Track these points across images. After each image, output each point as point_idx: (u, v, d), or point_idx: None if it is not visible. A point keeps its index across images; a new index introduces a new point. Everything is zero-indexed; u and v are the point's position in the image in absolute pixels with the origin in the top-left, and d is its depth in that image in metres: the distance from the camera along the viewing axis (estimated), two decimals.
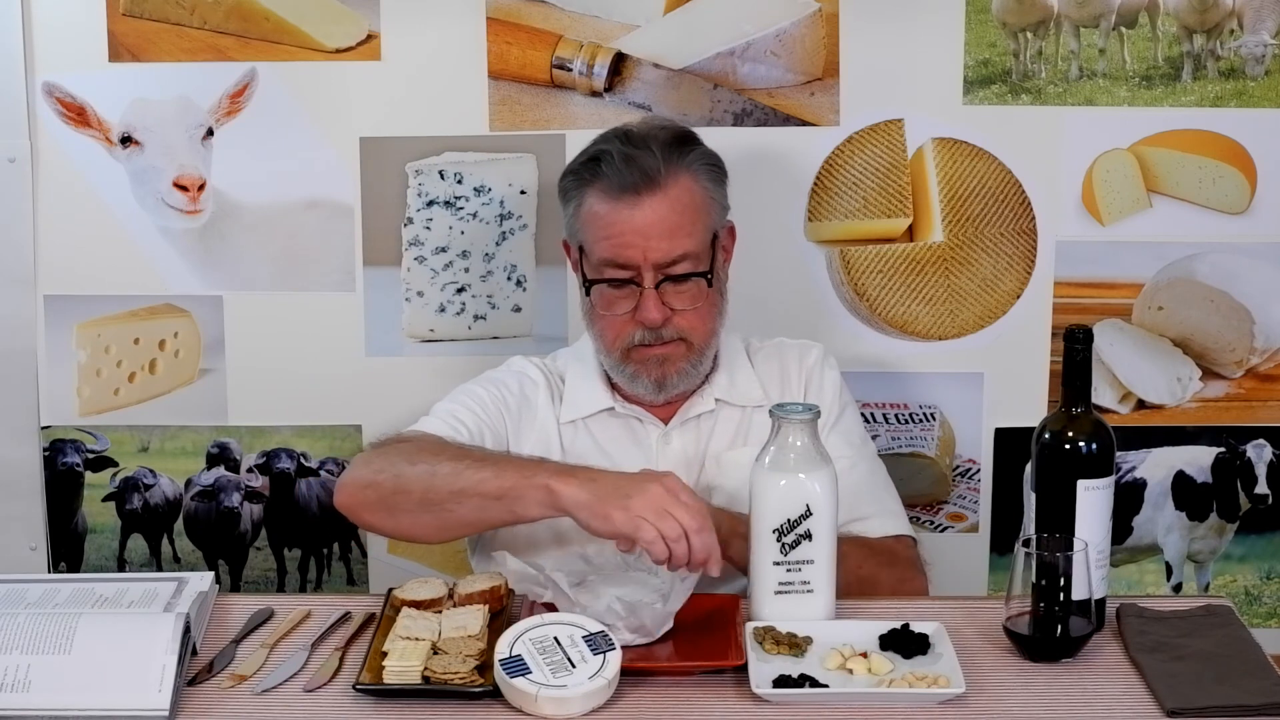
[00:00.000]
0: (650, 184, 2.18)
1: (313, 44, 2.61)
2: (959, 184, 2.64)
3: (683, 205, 2.20)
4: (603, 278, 2.22)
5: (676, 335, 2.22)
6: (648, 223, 2.18)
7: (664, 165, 2.19)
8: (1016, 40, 2.60)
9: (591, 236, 2.22)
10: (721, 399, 2.31)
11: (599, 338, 2.27)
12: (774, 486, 1.96)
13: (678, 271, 2.20)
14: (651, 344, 2.22)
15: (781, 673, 1.85)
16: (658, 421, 2.31)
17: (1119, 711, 1.81)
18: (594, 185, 2.21)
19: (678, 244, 2.19)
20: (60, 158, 2.63)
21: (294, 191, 2.65)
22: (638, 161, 2.19)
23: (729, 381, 2.32)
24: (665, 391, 2.27)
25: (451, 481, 2.02)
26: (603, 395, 2.31)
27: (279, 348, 2.69)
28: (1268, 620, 2.78)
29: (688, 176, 2.22)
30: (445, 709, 1.82)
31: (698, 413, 2.30)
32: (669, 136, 2.24)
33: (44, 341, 2.69)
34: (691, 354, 2.25)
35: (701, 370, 2.28)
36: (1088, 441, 1.95)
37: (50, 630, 1.84)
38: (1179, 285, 2.68)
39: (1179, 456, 2.73)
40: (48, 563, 2.75)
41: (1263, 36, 2.59)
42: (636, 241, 2.18)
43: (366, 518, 2.12)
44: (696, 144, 2.27)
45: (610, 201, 2.20)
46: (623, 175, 2.19)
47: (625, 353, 2.24)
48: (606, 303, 2.23)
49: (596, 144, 2.27)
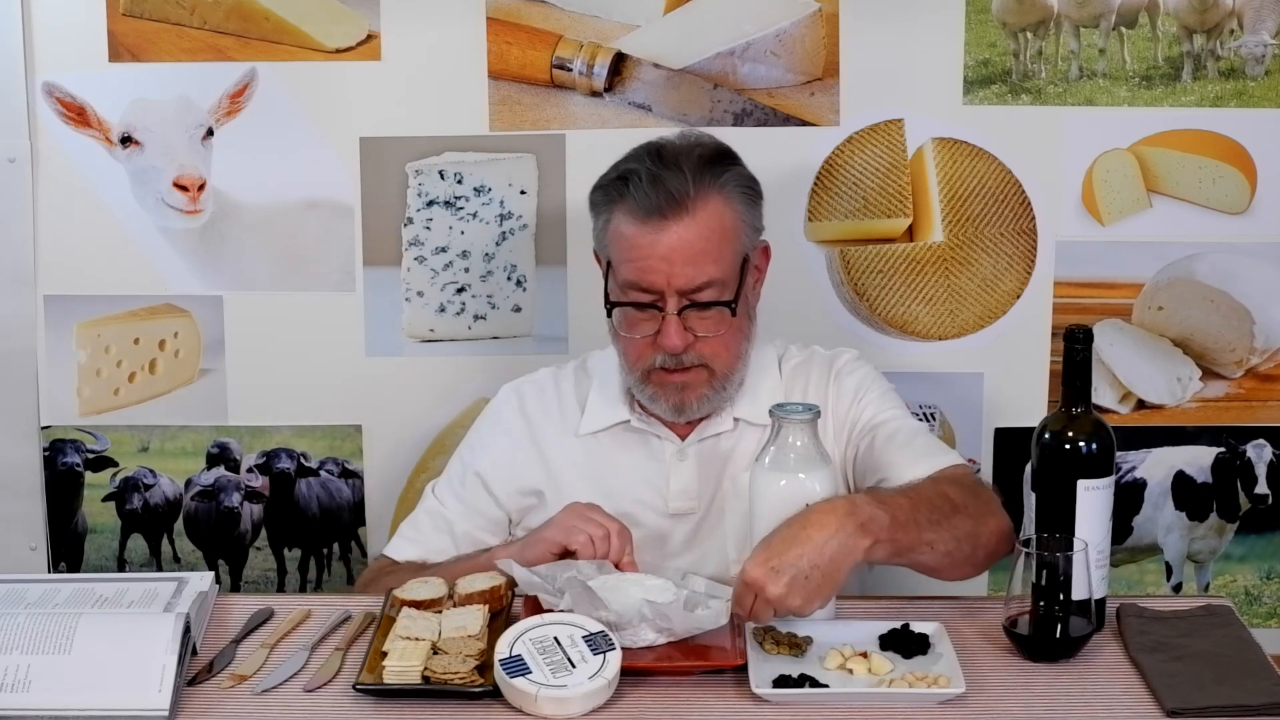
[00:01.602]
0: (677, 208, 2.12)
1: (313, 44, 2.61)
2: (959, 184, 2.64)
3: (710, 230, 2.14)
4: (626, 300, 2.17)
5: (698, 361, 2.17)
6: (672, 248, 2.12)
7: (694, 188, 2.13)
8: (1016, 40, 2.60)
9: (617, 257, 2.18)
10: (742, 418, 2.26)
11: (622, 355, 2.23)
12: (774, 486, 1.97)
13: (702, 299, 2.14)
14: (672, 369, 2.18)
15: (781, 673, 1.85)
16: (674, 438, 2.27)
17: (1119, 711, 1.81)
18: (621, 204, 2.16)
19: (703, 271, 2.14)
20: (60, 158, 2.63)
21: (294, 191, 2.65)
22: (666, 183, 2.12)
23: (752, 401, 2.26)
24: (685, 415, 2.23)
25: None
26: (620, 409, 2.28)
27: (279, 348, 2.69)
28: (1268, 620, 2.78)
29: (719, 199, 2.16)
30: (445, 709, 1.82)
31: (716, 432, 2.26)
32: (704, 154, 2.18)
33: (44, 341, 2.69)
34: (714, 380, 2.20)
35: (725, 396, 2.23)
36: (1088, 441, 1.95)
37: (50, 630, 1.84)
38: (1179, 285, 2.68)
39: (1179, 456, 2.73)
40: (48, 563, 2.75)
41: (1263, 36, 2.59)
42: (660, 267, 2.13)
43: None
44: (732, 164, 2.20)
45: (636, 224, 2.14)
46: (649, 198, 2.13)
47: (646, 374, 2.20)
48: (629, 324, 2.19)
49: (628, 160, 2.20)
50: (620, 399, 2.28)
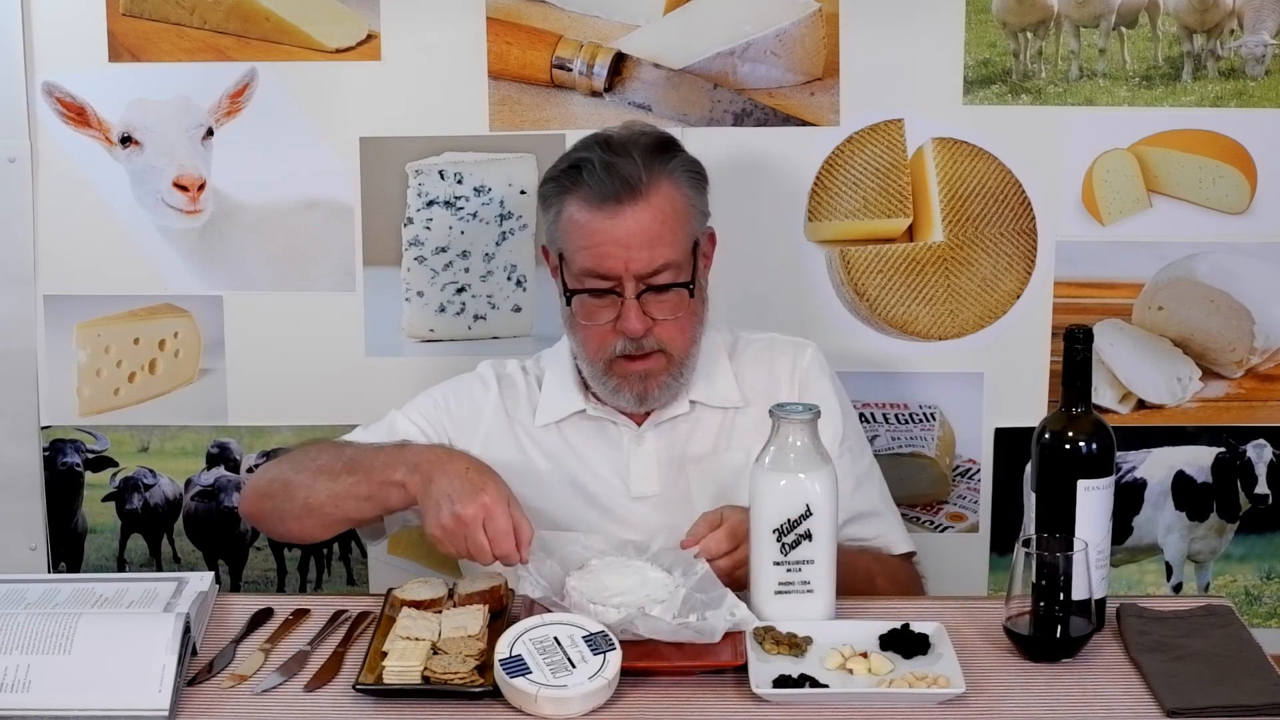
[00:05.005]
0: (632, 193, 2.16)
1: (313, 44, 2.61)
2: (959, 184, 2.64)
3: (664, 214, 2.18)
4: (584, 288, 2.20)
5: (657, 346, 2.20)
6: (629, 232, 2.16)
7: (645, 173, 2.17)
8: (1016, 40, 2.60)
9: (572, 245, 2.20)
10: (698, 400, 2.30)
11: (581, 346, 2.25)
12: (774, 486, 1.97)
13: (659, 281, 2.18)
14: (633, 356, 2.20)
15: (781, 673, 1.85)
16: (631, 423, 2.30)
17: (1119, 711, 1.81)
18: (574, 193, 2.19)
19: (659, 254, 2.17)
20: (60, 158, 2.63)
21: (294, 191, 2.65)
22: (619, 170, 2.16)
23: (706, 383, 2.30)
24: (647, 404, 2.27)
25: (329, 486, 2.16)
26: (575, 398, 2.31)
27: (279, 348, 2.69)
28: (1268, 620, 2.78)
29: (669, 184, 2.20)
30: (445, 709, 1.82)
31: (673, 415, 2.29)
32: (650, 142, 2.22)
33: (44, 341, 2.69)
34: (672, 366, 2.23)
35: (683, 382, 2.26)
36: (1088, 441, 1.95)
37: (50, 630, 1.84)
38: (1179, 285, 2.68)
39: (1179, 456, 2.73)
40: (48, 563, 2.75)
41: (1263, 36, 2.59)
42: (618, 252, 2.16)
43: (263, 525, 2.31)
44: (678, 151, 2.25)
45: (591, 210, 2.17)
46: (604, 184, 2.16)
47: (608, 364, 2.22)
48: (587, 312, 2.21)
49: (577, 150, 2.24)
50: (574, 388, 2.31)
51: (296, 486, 2.19)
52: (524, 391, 2.36)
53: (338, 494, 2.14)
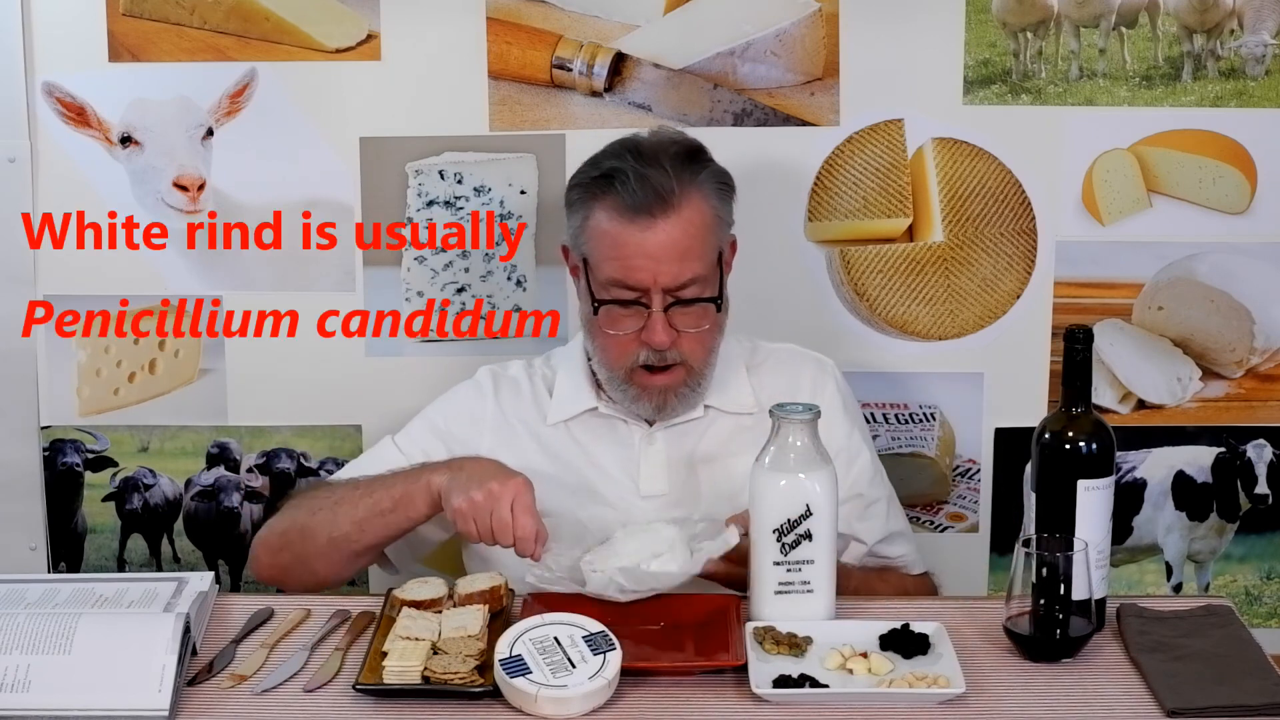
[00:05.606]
0: (663, 205, 2.14)
1: (313, 44, 2.60)
2: (959, 184, 2.64)
3: (694, 228, 2.17)
4: (610, 298, 2.19)
5: (679, 359, 2.20)
6: (659, 245, 2.14)
7: (677, 185, 2.15)
8: (1016, 40, 2.60)
9: (599, 254, 2.19)
10: (711, 405, 2.29)
11: (602, 353, 2.24)
12: (774, 487, 1.97)
13: (687, 295, 2.17)
14: (655, 368, 2.20)
15: (781, 673, 1.85)
16: (642, 422, 2.29)
17: (1119, 711, 1.81)
18: (604, 201, 2.17)
19: (687, 268, 2.16)
20: (60, 158, 2.63)
21: (294, 191, 2.65)
22: (651, 181, 2.14)
23: (721, 390, 2.29)
24: (664, 415, 2.26)
25: (350, 513, 2.17)
26: (587, 396, 2.30)
27: (279, 348, 2.69)
28: (1268, 620, 2.78)
29: (699, 196, 2.18)
30: (445, 709, 1.82)
31: (686, 418, 2.29)
32: (680, 151, 2.20)
33: (44, 341, 2.69)
34: (691, 378, 2.22)
35: (700, 392, 2.26)
36: (1088, 441, 1.95)
37: (50, 630, 1.84)
38: (1179, 285, 2.68)
39: (1179, 456, 2.73)
40: (48, 563, 2.75)
41: (1263, 36, 2.59)
42: (647, 265, 2.15)
43: (286, 579, 2.26)
44: (707, 161, 2.23)
45: (621, 222, 2.16)
46: (635, 195, 2.14)
47: (629, 374, 2.22)
48: (612, 321, 2.20)
49: (607, 158, 2.22)
50: (587, 387, 2.30)
51: (316, 527, 2.19)
52: (529, 393, 2.35)
53: (360, 519, 2.16)
